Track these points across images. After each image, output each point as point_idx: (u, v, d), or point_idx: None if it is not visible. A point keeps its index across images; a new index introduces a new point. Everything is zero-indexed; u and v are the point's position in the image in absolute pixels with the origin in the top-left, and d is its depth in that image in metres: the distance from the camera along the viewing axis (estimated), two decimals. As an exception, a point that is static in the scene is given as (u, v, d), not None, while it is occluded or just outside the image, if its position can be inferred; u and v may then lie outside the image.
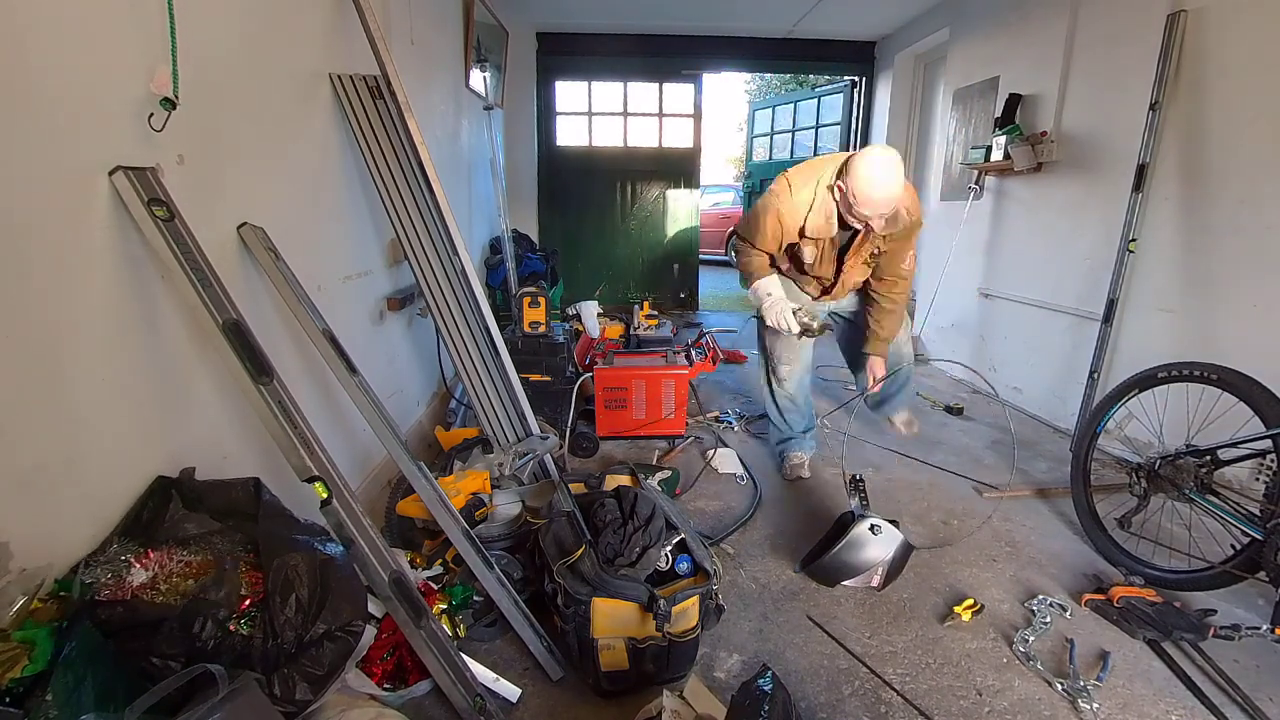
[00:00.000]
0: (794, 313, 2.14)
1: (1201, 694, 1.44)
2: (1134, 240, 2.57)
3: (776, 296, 2.20)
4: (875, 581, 1.79)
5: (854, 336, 2.49)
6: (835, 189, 2.00)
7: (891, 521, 1.78)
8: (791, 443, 2.54)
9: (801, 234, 2.10)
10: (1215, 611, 1.63)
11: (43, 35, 0.95)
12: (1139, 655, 1.57)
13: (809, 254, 2.16)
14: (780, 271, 2.32)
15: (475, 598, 1.53)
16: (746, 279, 2.28)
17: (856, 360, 2.53)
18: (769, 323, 2.22)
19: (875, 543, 1.75)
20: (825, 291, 2.32)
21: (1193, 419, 1.88)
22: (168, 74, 1.14)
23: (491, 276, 3.84)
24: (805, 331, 2.14)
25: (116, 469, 1.10)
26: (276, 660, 1.00)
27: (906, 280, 2.25)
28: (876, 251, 2.15)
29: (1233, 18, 2.27)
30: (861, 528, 1.76)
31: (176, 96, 1.15)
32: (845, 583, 1.81)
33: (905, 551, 1.78)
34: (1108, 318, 2.66)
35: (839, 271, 2.21)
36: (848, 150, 5.51)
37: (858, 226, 2.02)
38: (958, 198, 3.89)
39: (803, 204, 2.06)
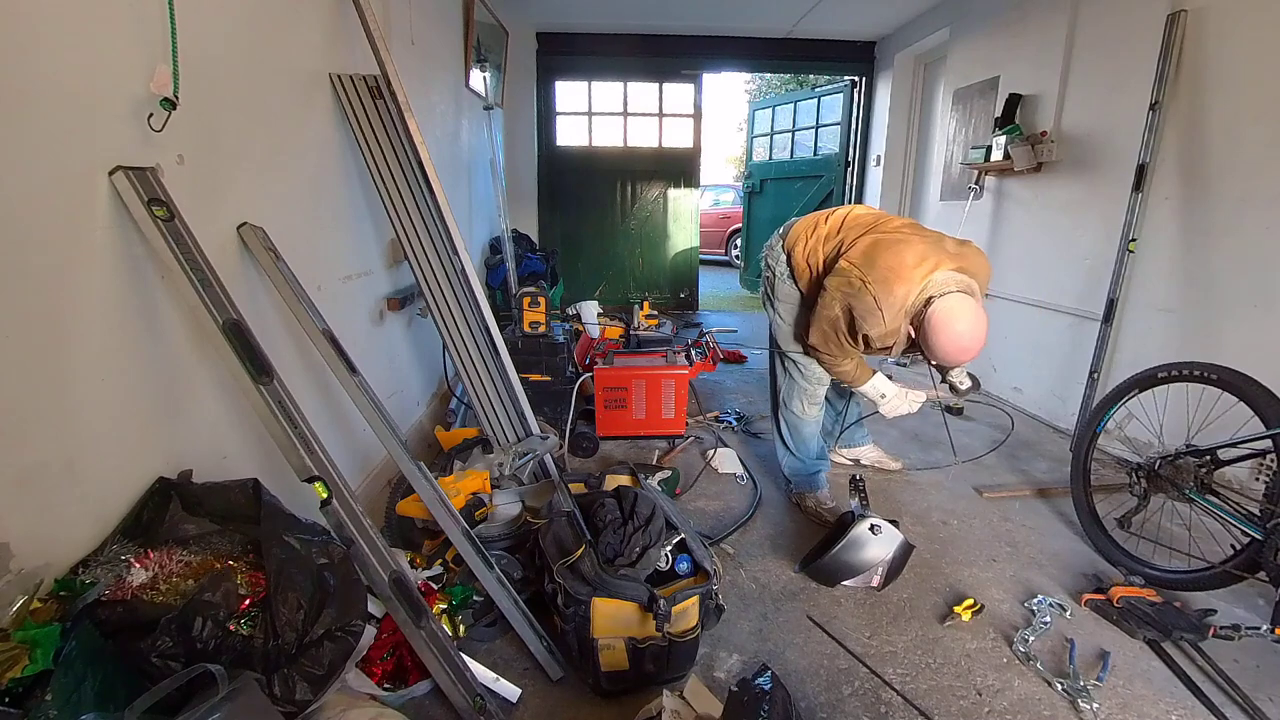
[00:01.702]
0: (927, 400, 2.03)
1: (1201, 694, 1.44)
2: (1134, 240, 2.57)
3: (893, 393, 2.02)
4: (875, 582, 1.79)
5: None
6: (913, 328, 1.80)
7: (892, 521, 1.78)
8: (821, 475, 2.28)
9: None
10: (1215, 611, 1.63)
11: (42, 35, 0.95)
12: (1139, 655, 1.57)
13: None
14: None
15: (475, 598, 1.53)
16: (849, 384, 2.04)
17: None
18: (894, 415, 2.05)
19: (875, 543, 1.75)
20: None
21: (1193, 419, 1.88)
22: (168, 74, 1.14)
23: (491, 276, 3.84)
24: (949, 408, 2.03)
25: (116, 469, 1.10)
26: (277, 660, 1.00)
27: None
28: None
29: (1233, 18, 2.27)
30: (861, 528, 1.76)
31: (177, 96, 1.15)
32: (845, 583, 1.80)
33: (905, 551, 1.78)
34: (1108, 318, 2.66)
35: None
36: (849, 150, 5.55)
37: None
38: (958, 198, 3.89)
39: (890, 335, 1.84)
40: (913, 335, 1.83)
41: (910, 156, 5.11)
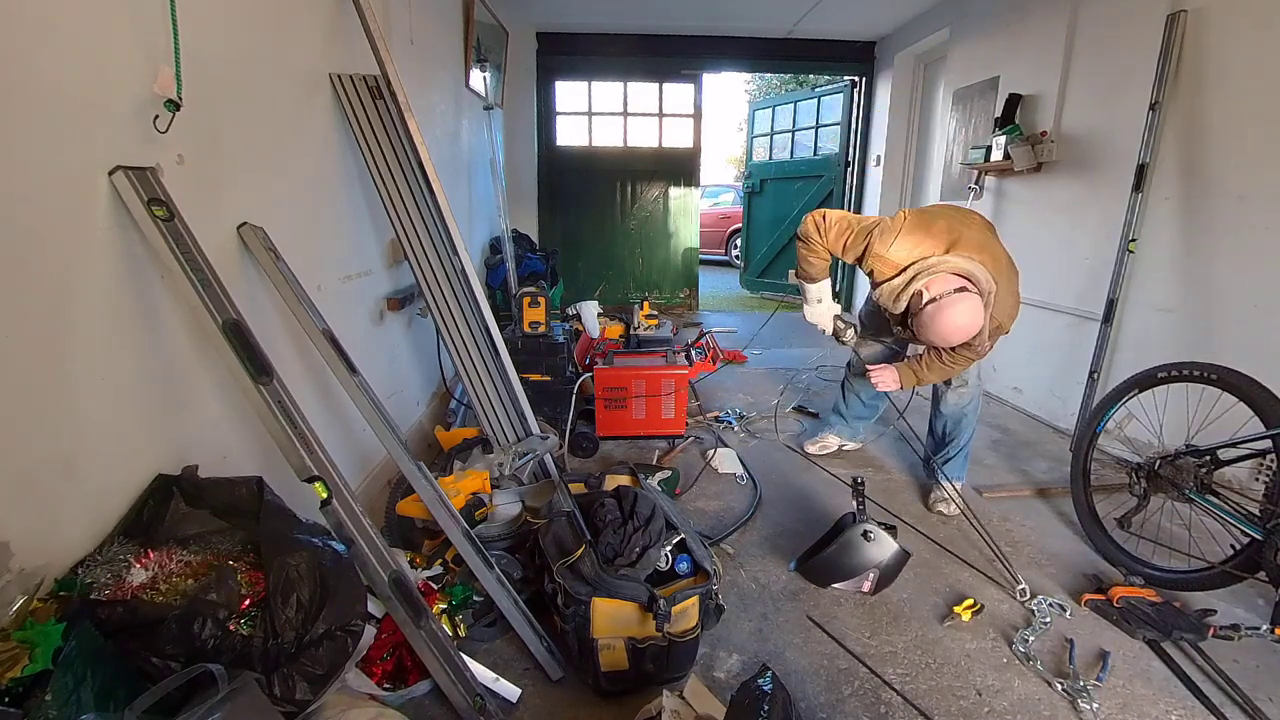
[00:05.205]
0: (835, 317, 2.27)
1: (1201, 694, 1.44)
2: (1134, 240, 2.57)
3: (826, 304, 2.24)
4: (866, 587, 1.77)
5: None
6: (916, 296, 1.85)
7: (890, 528, 1.77)
8: (832, 424, 2.71)
9: (866, 264, 1.98)
10: (1215, 611, 1.63)
11: (43, 35, 0.95)
12: (1139, 655, 1.57)
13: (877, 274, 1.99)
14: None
15: (475, 598, 1.53)
16: (801, 274, 2.22)
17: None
18: (810, 319, 2.29)
19: (868, 549, 1.73)
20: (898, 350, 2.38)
21: (1193, 419, 1.88)
22: (171, 75, 1.14)
23: (491, 276, 3.84)
24: (839, 335, 2.30)
25: (117, 469, 1.10)
26: (276, 660, 1.00)
27: (972, 358, 2.07)
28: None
29: (1233, 18, 2.27)
30: (854, 533, 1.74)
31: (180, 97, 1.15)
32: (836, 586, 1.80)
33: (900, 560, 1.75)
34: (1108, 318, 2.66)
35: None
36: (849, 150, 5.55)
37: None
38: (957, 198, 3.89)
39: (892, 261, 1.89)
40: (902, 314, 1.95)
41: (910, 156, 5.11)
